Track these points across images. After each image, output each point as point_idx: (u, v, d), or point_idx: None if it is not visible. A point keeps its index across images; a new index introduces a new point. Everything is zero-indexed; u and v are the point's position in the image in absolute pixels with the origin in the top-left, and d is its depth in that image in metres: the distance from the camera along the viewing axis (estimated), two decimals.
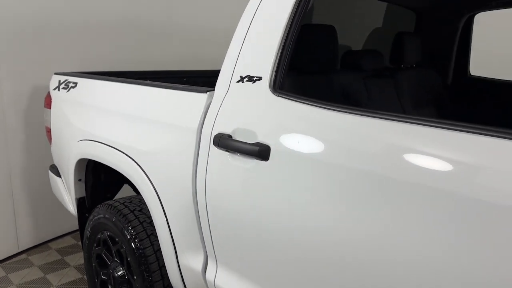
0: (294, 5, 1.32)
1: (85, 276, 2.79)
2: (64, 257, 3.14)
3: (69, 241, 3.41)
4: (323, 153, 1.14)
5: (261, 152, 1.26)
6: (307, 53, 1.59)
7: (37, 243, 3.32)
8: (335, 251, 1.11)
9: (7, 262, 3.07)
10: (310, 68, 1.65)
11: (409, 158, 0.97)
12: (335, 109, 1.17)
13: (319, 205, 1.14)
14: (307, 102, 1.24)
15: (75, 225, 3.22)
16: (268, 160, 1.27)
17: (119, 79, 2.06)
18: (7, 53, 2.90)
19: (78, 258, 3.11)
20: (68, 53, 3.20)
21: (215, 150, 1.43)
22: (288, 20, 1.33)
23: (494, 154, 0.85)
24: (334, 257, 1.12)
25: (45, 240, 3.36)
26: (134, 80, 1.96)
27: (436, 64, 2.49)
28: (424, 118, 0.99)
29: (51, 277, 2.87)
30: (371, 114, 1.09)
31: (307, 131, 1.20)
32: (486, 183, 0.85)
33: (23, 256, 3.17)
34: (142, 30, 3.67)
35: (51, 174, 2.73)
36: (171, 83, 1.87)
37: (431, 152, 0.94)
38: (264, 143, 1.28)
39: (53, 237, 3.41)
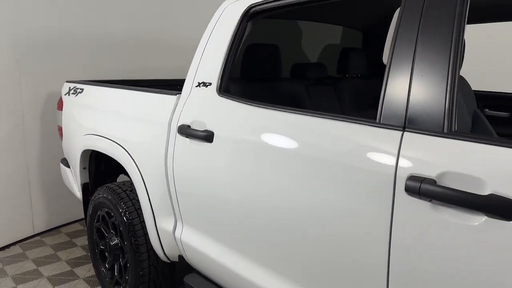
0: (234, 32, 1.83)
1: (89, 254, 3.30)
2: (72, 239, 3.66)
3: (77, 226, 3.93)
4: (249, 136, 1.64)
5: (207, 136, 1.77)
6: (252, 66, 2.10)
7: (50, 228, 3.85)
8: (259, 207, 1.59)
9: (24, 242, 3.61)
10: (257, 77, 2.16)
11: (304, 139, 1.46)
12: (256, 105, 1.67)
13: (246, 175, 1.63)
14: (240, 101, 1.74)
15: (83, 213, 3.75)
16: (212, 142, 1.77)
17: (115, 85, 2.59)
18: (26, 66, 3.47)
19: (84, 240, 3.63)
20: (76, 64, 3.77)
21: (179, 137, 1.94)
22: (230, 42, 1.84)
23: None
24: (258, 212, 1.60)
25: (56, 225, 3.89)
26: (124, 86, 2.49)
27: (380, 74, 2.98)
28: (313, 112, 1.48)
29: (60, 254, 3.39)
30: (279, 109, 1.58)
31: (238, 121, 1.70)
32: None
33: (37, 238, 3.70)
34: (140, 44, 4.23)
35: (62, 166, 3.26)
36: (166, 89, 2.38)
37: (316, 133, 1.42)
38: (210, 130, 1.79)
39: (64, 223, 3.94)
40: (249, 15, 1.85)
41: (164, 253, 2.22)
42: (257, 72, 2.12)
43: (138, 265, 2.36)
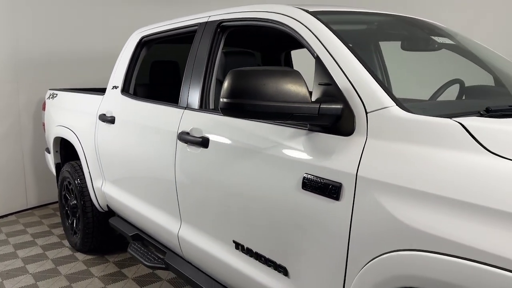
0: (132, 53, 2.84)
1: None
2: (56, 212, 4.70)
3: None
4: (135, 119, 2.61)
5: (111, 120, 2.77)
6: (157, 75, 3.10)
7: (40, 204, 4.91)
8: (144, 165, 2.53)
9: (19, 213, 4.67)
10: (161, 82, 3.16)
11: (157, 118, 2.41)
12: (141, 100, 2.65)
13: (135, 144, 2.59)
14: (133, 98, 2.73)
15: None
16: (114, 124, 2.76)
17: (73, 90, 3.63)
18: (23, 76, 4.57)
19: None
20: (64, 75, 4.84)
21: (99, 122, 2.94)
22: (130, 59, 2.85)
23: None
24: (143, 169, 2.54)
25: (46, 202, 4.94)
26: (79, 91, 3.53)
27: None
28: (162, 102, 2.43)
29: (45, 221, 4.43)
30: (152, 102, 2.55)
31: (130, 110, 2.68)
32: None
33: (30, 211, 4.76)
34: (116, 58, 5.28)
35: (45, 153, 4.31)
36: None
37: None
38: (114, 116, 2.78)
39: (52, 201, 4.98)
40: (142, 42, 2.86)
41: (99, 204, 3.21)
42: (161, 79, 3.12)
43: (85, 216, 3.36)
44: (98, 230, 3.43)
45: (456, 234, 1.04)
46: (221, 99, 1.42)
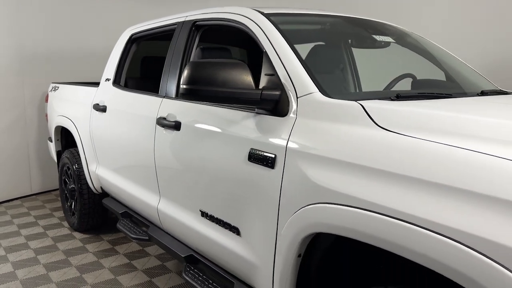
0: (123, 49, 3.16)
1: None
2: (58, 198, 5.05)
3: None
4: (124, 108, 2.92)
5: (103, 109, 3.09)
6: (145, 69, 3.41)
7: (44, 190, 5.26)
8: (130, 149, 2.86)
9: (23, 198, 5.03)
10: (150, 76, 3.47)
11: (142, 107, 2.72)
12: (129, 91, 2.97)
13: (124, 131, 2.91)
14: (122, 89, 3.05)
15: None
16: (106, 112, 3.08)
17: (73, 83, 3.96)
18: (28, 71, 4.92)
19: None
20: (65, 70, 5.18)
21: (93, 111, 3.26)
22: (120, 54, 3.16)
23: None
24: (130, 152, 2.87)
25: (48, 189, 5.29)
26: (76, 83, 3.85)
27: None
28: (145, 92, 2.75)
29: (47, 205, 4.78)
30: (137, 92, 2.87)
31: (120, 100, 3.00)
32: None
33: (33, 196, 5.11)
34: None
35: (48, 141, 4.65)
36: None
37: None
38: (106, 105, 3.10)
39: (54, 188, 5.33)
40: (132, 39, 3.18)
41: (93, 186, 3.54)
42: (150, 72, 3.44)
43: (82, 198, 3.69)
44: (94, 211, 3.76)
45: (351, 189, 1.34)
46: (181, 86, 1.72)
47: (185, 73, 1.71)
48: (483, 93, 2.02)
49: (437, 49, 2.75)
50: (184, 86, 1.71)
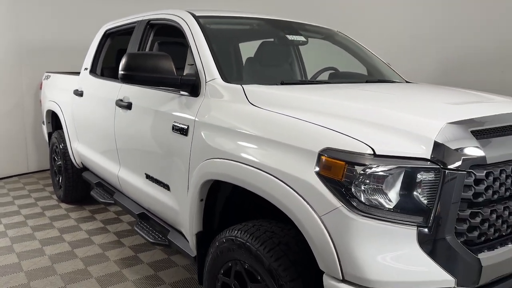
0: (98, 42, 3.68)
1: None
2: None
3: None
4: (96, 93, 3.45)
5: (81, 94, 3.62)
6: (119, 60, 3.93)
7: (40, 169, 5.84)
8: (100, 127, 3.38)
9: (21, 176, 5.61)
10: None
11: (107, 91, 3.24)
12: (101, 78, 3.49)
13: (96, 112, 3.43)
14: (96, 77, 3.57)
15: None
16: (83, 97, 3.61)
17: (62, 72, 4.51)
18: (26, 61, 5.48)
19: None
20: (60, 61, 5.72)
21: (74, 96, 3.80)
22: (96, 47, 3.69)
23: None
24: (100, 129, 3.39)
25: (43, 168, 5.86)
26: (66, 73, 4.40)
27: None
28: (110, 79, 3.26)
29: (41, 182, 5.35)
30: (106, 79, 3.39)
31: (93, 86, 3.52)
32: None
33: (30, 174, 5.70)
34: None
35: (42, 125, 5.22)
36: None
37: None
38: (82, 91, 3.63)
39: (49, 168, 5.89)
40: (106, 34, 3.70)
41: (76, 161, 4.08)
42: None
43: (67, 172, 4.24)
44: (77, 184, 4.31)
45: (229, 148, 1.84)
46: (119, 71, 2.23)
47: (123, 61, 2.22)
48: (367, 81, 2.51)
49: (360, 47, 3.24)
50: (123, 72, 2.22)
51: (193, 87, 2.24)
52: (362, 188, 1.39)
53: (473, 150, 1.39)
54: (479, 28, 4.39)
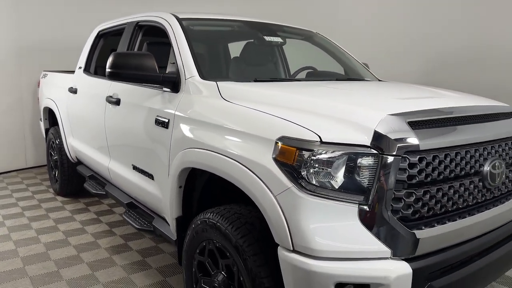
0: (92, 42, 3.88)
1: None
2: None
3: None
4: (89, 90, 3.65)
5: (75, 91, 3.82)
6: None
7: (38, 165, 6.05)
8: (93, 123, 3.58)
9: (19, 171, 5.82)
10: None
11: (98, 88, 3.44)
12: (93, 76, 3.70)
13: (89, 109, 3.63)
14: (89, 75, 3.78)
15: None
16: (76, 94, 3.82)
17: (59, 71, 4.71)
18: (25, 62, 5.69)
19: None
20: (58, 60, 5.93)
21: (68, 93, 4.00)
22: (90, 47, 3.89)
23: None
24: (93, 125, 3.59)
25: (41, 164, 6.07)
26: (62, 71, 4.60)
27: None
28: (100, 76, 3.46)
29: (39, 176, 5.56)
30: (97, 77, 3.59)
31: (86, 84, 3.73)
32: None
33: (29, 170, 5.90)
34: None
35: (40, 122, 5.42)
36: None
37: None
38: (76, 88, 3.83)
39: (46, 163, 6.11)
40: (99, 35, 3.90)
41: (70, 156, 4.29)
42: None
43: (62, 166, 4.45)
44: (72, 178, 4.51)
45: (203, 138, 2.04)
46: (106, 69, 2.43)
47: (109, 60, 2.42)
48: (337, 79, 2.71)
49: (338, 48, 3.44)
50: (109, 70, 2.42)
51: (174, 83, 2.44)
52: (311, 171, 1.58)
53: (408, 139, 1.59)
54: (461, 29, 4.59)
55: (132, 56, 2.41)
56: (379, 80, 3.17)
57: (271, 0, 6.14)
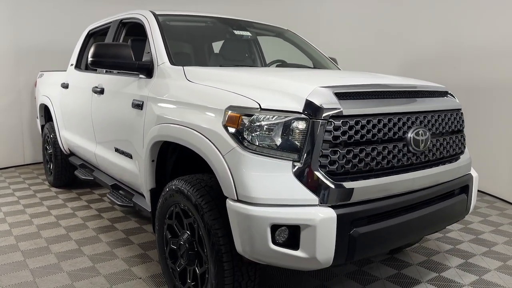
0: (82, 41, 4.21)
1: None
2: None
3: None
4: (80, 84, 3.96)
5: (66, 86, 4.13)
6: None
7: (35, 162, 6.35)
8: (83, 115, 3.88)
9: (17, 167, 6.12)
10: None
11: (90, 83, 3.75)
12: (84, 71, 4.01)
13: (80, 102, 3.94)
14: (80, 70, 4.09)
15: None
16: (68, 89, 4.13)
17: (54, 71, 5.04)
18: (23, 61, 6.02)
19: None
20: (54, 61, 6.26)
21: (60, 88, 4.31)
22: (80, 46, 4.21)
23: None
24: (83, 117, 3.89)
25: (38, 161, 6.37)
26: (56, 70, 4.92)
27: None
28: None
29: (36, 171, 5.86)
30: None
31: (77, 79, 4.04)
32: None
33: (26, 166, 6.21)
34: None
35: (36, 119, 5.74)
36: None
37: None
38: (68, 83, 4.15)
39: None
40: (90, 34, 4.22)
41: (63, 147, 4.59)
42: None
43: (56, 159, 4.74)
44: (65, 169, 4.81)
45: (172, 115, 2.33)
46: (88, 58, 2.74)
47: (91, 50, 2.72)
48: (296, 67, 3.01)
49: (307, 43, 3.75)
50: (91, 59, 2.73)
51: (148, 70, 2.74)
52: (253, 133, 1.87)
53: (333, 105, 1.88)
54: (436, 28, 4.90)
55: (111, 46, 2.72)
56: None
57: (258, 3, 6.48)
